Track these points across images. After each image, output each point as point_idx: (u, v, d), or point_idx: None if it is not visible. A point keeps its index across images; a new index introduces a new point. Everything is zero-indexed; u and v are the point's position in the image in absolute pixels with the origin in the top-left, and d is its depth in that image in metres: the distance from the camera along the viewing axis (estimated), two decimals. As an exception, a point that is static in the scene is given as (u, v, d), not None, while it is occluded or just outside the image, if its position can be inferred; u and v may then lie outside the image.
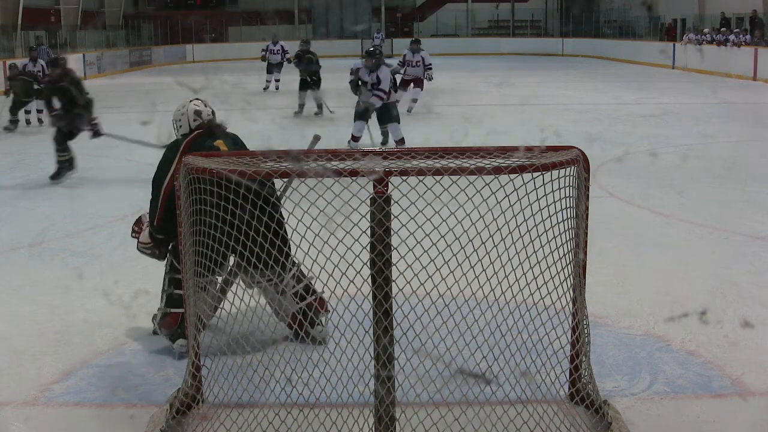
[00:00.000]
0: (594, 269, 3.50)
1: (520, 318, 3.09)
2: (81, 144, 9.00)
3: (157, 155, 4.20)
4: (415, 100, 14.13)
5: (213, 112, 4.26)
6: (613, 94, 17.52)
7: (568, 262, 3.09)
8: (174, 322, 4.00)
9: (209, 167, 2.89)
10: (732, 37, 22.95)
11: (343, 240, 2.87)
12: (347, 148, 2.85)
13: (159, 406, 3.35)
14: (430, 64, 14.10)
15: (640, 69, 26.62)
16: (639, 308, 4.50)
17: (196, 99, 4.29)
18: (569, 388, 3.28)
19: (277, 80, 18.90)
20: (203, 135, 4.10)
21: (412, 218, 2.85)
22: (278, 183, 3.91)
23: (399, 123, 10.18)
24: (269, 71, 19.06)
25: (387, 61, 11.00)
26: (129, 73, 28.31)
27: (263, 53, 18.94)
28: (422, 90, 14.25)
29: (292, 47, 17.07)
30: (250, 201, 2.98)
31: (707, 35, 24.61)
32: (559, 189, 3.03)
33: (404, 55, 14.17)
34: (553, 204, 3.02)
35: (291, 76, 16.44)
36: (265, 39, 20.24)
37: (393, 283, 2.85)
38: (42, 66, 14.44)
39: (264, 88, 18.86)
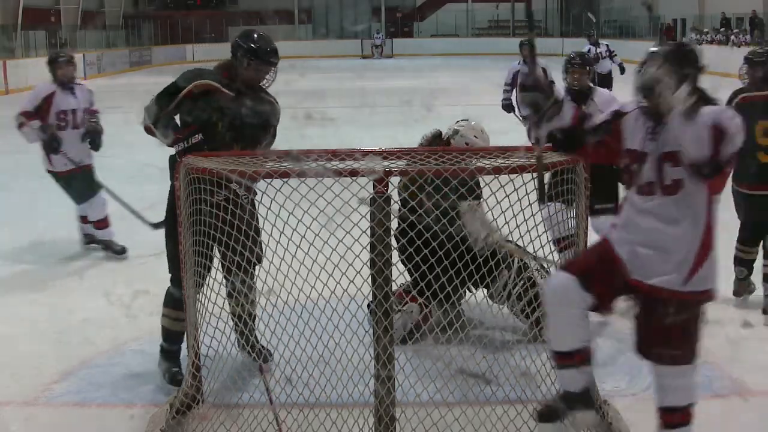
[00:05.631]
0: (594, 269, 3.48)
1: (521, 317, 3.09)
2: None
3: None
4: None
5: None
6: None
7: (568, 262, 3.09)
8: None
9: (209, 167, 2.89)
10: (732, 37, 22.94)
11: (343, 240, 2.87)
12: (347, 149, 2.81)
13: (159, 406, 3.35)
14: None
15: (640, 69, 26.54)
16: (639, 308, 4.49)
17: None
18: (569, 388, 3.27)
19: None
20: None
21: (411, 218, 2.85)
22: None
23: None
24: None
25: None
26: (129, 73, 28.29)
27: None
28: None
29: (292, 48, 16.02)
30: None
31: (707, 35, 24.60)
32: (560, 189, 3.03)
33: None
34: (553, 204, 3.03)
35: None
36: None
37: (393, 283, 2.85)
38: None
39: None
